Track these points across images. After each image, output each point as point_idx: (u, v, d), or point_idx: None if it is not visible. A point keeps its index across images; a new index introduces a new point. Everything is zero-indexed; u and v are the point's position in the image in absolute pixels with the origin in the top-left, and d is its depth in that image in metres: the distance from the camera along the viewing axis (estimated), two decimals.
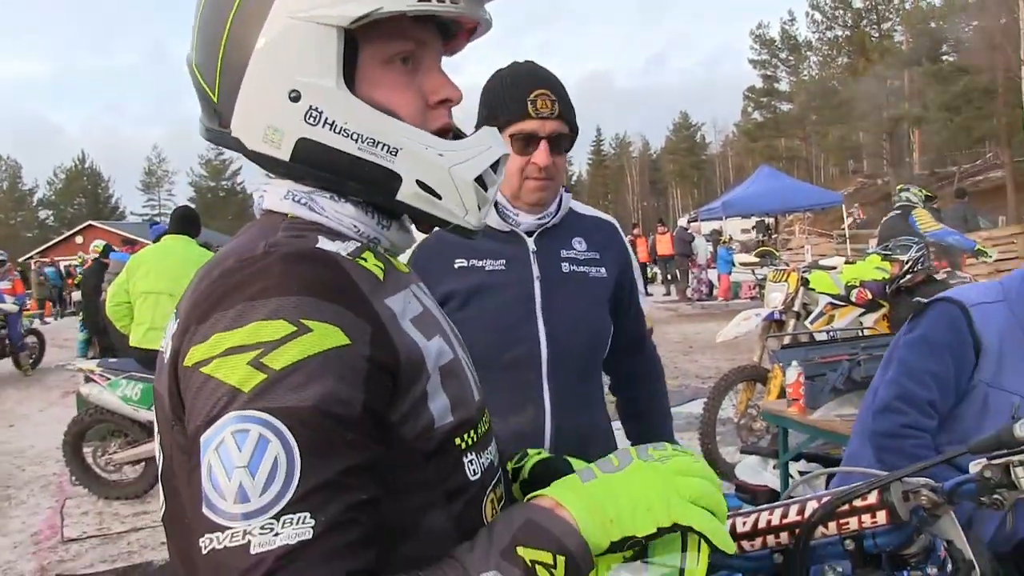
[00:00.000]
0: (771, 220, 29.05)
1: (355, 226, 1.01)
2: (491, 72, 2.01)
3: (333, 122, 0.95)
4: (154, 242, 8.24)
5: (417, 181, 0.99)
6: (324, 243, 0.95)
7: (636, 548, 0.91)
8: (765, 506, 1.27)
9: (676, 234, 22.69)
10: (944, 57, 48.74)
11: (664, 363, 2.50)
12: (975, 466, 1.19)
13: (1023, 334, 2.02)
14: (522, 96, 1.92)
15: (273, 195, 1.04)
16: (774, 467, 4.49)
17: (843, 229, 25.63)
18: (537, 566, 0.83)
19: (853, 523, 1.18)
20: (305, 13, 0.93)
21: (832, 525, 1.20)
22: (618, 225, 2.28)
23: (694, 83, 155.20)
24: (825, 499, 1.21)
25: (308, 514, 0.78)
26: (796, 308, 6.73)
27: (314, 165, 0.97)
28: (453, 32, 1.09)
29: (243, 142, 0.99)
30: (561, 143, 1.98)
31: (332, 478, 0.80)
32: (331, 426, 0.81)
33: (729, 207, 23.96)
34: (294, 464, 0.79)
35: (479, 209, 1.04)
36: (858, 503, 1.18)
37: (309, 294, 0.85)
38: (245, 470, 0.78)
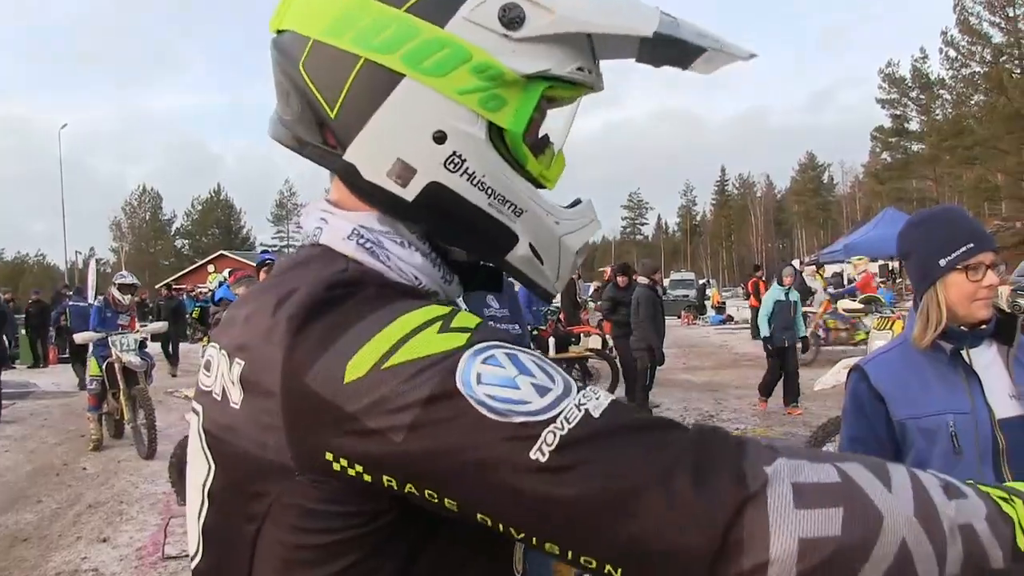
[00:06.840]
0: (895, 264, 27.92)
1: (417, 277, 0.94)
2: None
3: (473, 173, 0.91)
4: (257, 267, 8.82)
5: (530, 244, 0.97)
6: None
7: None
8: None
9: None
10: None
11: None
12: None
13: (916, 365, 2.12)
14: None
15: (335, 231, 0.94)
16: None
17: None
18: None
19: None
20: None
21: None
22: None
23: (820, 123, 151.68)
24: None
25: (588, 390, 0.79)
26: None
27: (437, 211, 0.92)
28: None
29: (359, 170, 0.91)
30: None
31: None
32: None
33: (851, 250, 23.12)
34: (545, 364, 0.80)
35: (560, 278, 1.02)
36: None
37: (409, 297, 0.87)
38: (522, 376, 0.77)
